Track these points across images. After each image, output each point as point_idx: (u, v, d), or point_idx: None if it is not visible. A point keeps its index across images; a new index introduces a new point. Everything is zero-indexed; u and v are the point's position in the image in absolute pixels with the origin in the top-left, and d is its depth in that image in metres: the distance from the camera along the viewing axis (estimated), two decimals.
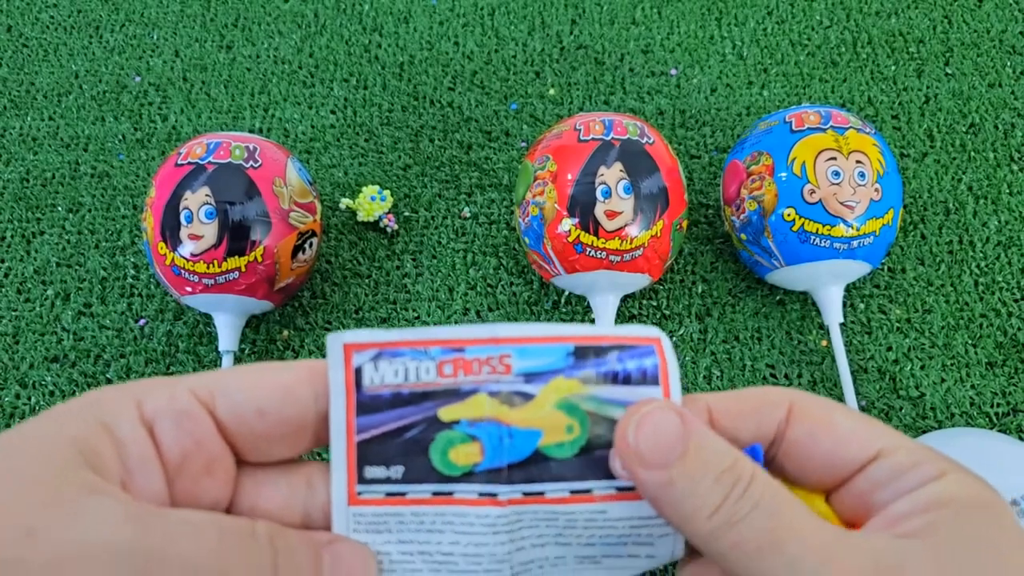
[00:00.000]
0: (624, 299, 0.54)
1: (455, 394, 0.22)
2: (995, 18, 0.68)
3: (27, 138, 0.64)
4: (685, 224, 0.51)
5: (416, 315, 0.55)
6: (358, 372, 0.22)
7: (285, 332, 0.54)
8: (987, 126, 0.62)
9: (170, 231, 0.47)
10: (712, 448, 0.20)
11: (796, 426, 0.22)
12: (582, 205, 0.47)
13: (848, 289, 0.54)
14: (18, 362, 0.54)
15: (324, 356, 0.22)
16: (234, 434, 0.21)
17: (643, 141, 0.49)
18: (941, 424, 0.50)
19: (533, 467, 0.22)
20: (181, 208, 0.47)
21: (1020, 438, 0.49)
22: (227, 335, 0.50)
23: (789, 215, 0.48)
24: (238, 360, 0.53)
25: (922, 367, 0.52)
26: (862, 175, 0.48)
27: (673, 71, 0.66)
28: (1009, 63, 0.65)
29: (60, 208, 0.60)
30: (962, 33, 0.67)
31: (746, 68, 0.66)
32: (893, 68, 0.65)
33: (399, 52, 0.68)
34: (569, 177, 0.48)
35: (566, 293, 0.56)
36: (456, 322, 0.54)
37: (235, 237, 0.47)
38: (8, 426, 0.51)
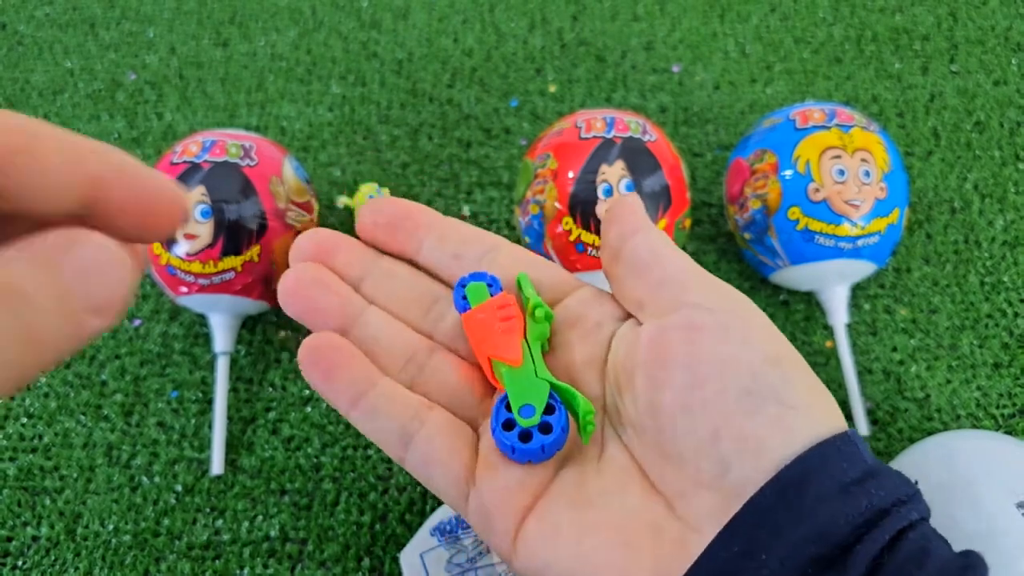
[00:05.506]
0: None
1: None
2: (1000, 15, 0.67)
3: None
4: (688, 223, 0.50)
5: None
6: None
7: (282, 333, 0.53)
8: (993, 124, 0.61)
9: None
10: None
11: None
12: (583, 203, 0.47)
13: (853, 289, 0.54)
14: None
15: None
16: None
17: (645, 139, 0.48)
18: (947, 426, 0.49)
19: None
20: None
21: None
22: (223, 336, 0.49)
23: (793, 214, 0.47)
24: (234, 362, 0.52)
25: (928, 368, 0.51)
26: (867, 173, 0.47)
27: (675, 68, 0.65)
28: (1015, 60, 0.64)
29: None
30: (967, 30, 0.66)
31: (749, 65, 0.65)
32: (898, 65, 0.64)
33: (397, 48, 0.67)
34: (570, 175, 0.47)
35: None
36: None
37: (231, 236, 0.46)
38: (1, 428, 0.50)
